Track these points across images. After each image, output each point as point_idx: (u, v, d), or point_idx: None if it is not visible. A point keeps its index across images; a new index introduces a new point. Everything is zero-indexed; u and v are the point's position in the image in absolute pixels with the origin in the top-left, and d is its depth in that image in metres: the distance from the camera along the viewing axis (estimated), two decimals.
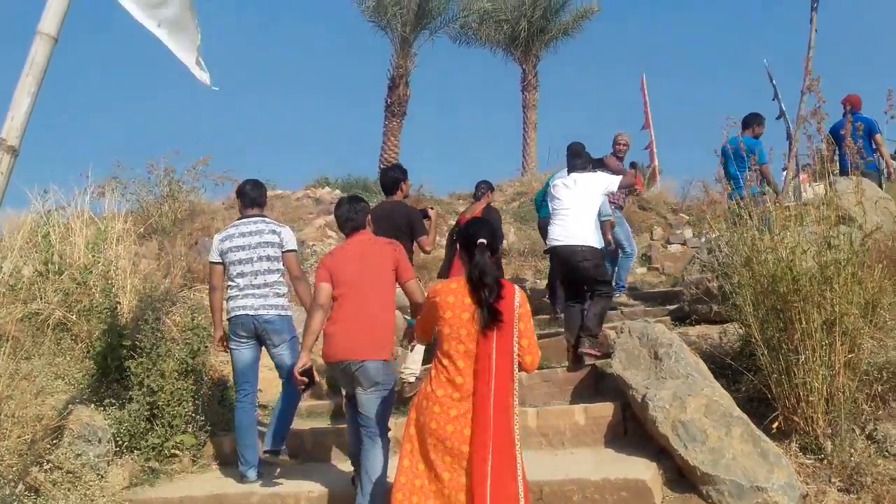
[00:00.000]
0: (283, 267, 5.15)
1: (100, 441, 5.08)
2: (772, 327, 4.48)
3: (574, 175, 6.14)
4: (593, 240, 5.92)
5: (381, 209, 6.00)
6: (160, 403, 5.48)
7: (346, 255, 4.34)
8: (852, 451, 4.11)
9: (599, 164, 6.55)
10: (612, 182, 6.24)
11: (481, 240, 3.36)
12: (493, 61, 25.33)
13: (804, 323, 4.25)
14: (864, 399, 4.35)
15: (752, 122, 7.85)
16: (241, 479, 4.97)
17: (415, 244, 6.06)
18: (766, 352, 4.43)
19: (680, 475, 4.18)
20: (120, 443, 5.24)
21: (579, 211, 5.91)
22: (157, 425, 5.45)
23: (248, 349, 5.12)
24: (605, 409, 4.91)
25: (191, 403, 5.70)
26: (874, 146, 8.63)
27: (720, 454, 3.97)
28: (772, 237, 4.61)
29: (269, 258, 5.07)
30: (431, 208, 6.73)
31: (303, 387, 4.39)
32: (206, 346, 6.13)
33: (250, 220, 5.20)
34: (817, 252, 4.37)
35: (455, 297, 3.29)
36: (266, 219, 5.25)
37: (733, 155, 6.87)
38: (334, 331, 4.21)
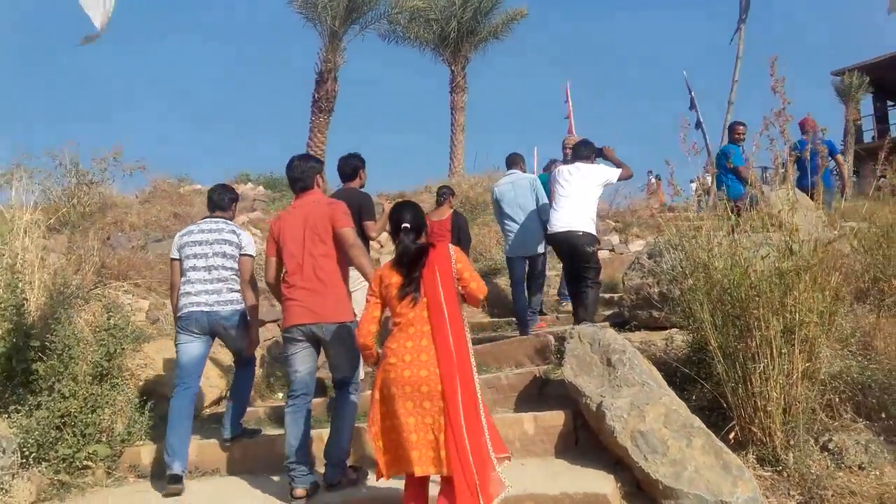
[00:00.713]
0: (237, 267, 5.13)
1: (3, 452, 4.62)
2: (728, 334, 4.36)
3: (578, 164, 6.49)
4: (591, 227, 6.27)
5: (336, 195, 5.85)
6: (72, 410, 5.02)
7: (291, 220, 4.49)
8: (811, 463, 4.02)
9: (600, 154, 6.83)
10: (612, 174, 6.50)
11: (405, 224, 3.75)
12: (423, 61, 25.23)
13: (763, 330, 4.15)
14: (820, 409, 4.27)
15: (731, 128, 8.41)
16: (167, 470, 4.71)
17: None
18: (722, 359, 4.31)
19: (638, 488, 4.00)
20: (27, 454, 4.79)
21: (579, 199, 6.30)
22: (69, 434, 4.99)
23: (197, 344, 5.03)
24: (555, 418, 4.71)
25: (106, 411, 5.25)
26: (834, 166, 9.16)
27: (682, 466, 3.80)
28: (731, 241, 4.50)
29: (224, 255, 5.10)
30: (384, 202, 6.75)
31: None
32: (124, 348, 5.68)
33: (212, 220, 5.29)
34: (778, 257, 4.27)
35: (392, 279, 3.69)
36: (228, 221, 5.32)
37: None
38: (291, 297, 4.39)
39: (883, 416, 4.35)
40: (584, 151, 6.58)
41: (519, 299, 7.24)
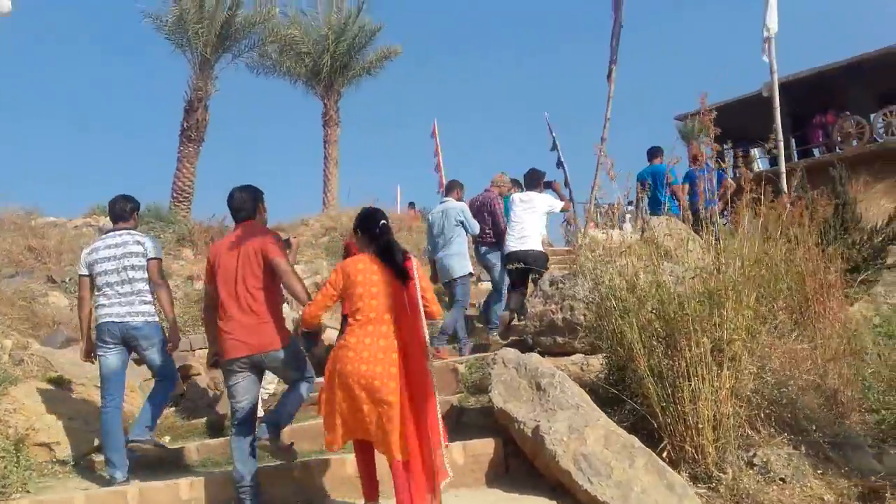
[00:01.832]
0: (146, 276, 5.28)
1: None
2: (658, 354, 4.40)
3: (530, 192, 7.86)
4: (538, 245, 7.58)
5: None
6: None
7: (224, 249, 4.51)
8: (743, 479, 4.08)
9: (548, 187, 8.23)
10: (556, 204, 7.92)
11: (383, 221, 4.17)
12: (294, 94, 24.86)
13: (694, 348, 4.20)
14: (746, 425, 4.37)
15: (656, 153, 9.24)
16: (110, 481, 4.92)
17: None
18: (652, 379, 4.32)
19: None
20: None
21: (529, 222, 7.58)
22: None
23: (114, 355, 5.20)
24: (485, 446, 4.57)
25: None
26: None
27: (629, 488, 3.76)
28: (655, 263, 4.56)
29: (133, 267, 5.24)
30: (294, 237, 6.58)
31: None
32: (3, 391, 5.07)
33: (116, 233, 5.40)
34: (705, 278, 4.37)
35: (364, 265, 4.00)
36: (131, 231, 5.43)
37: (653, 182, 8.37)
38: (228, 330, 4.35)
39: (798, 429, 4.51)
40: (533, 181, 8.02)
41: (447, 317, 7.51)
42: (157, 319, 5.32)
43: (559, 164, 20.91)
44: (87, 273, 5.28)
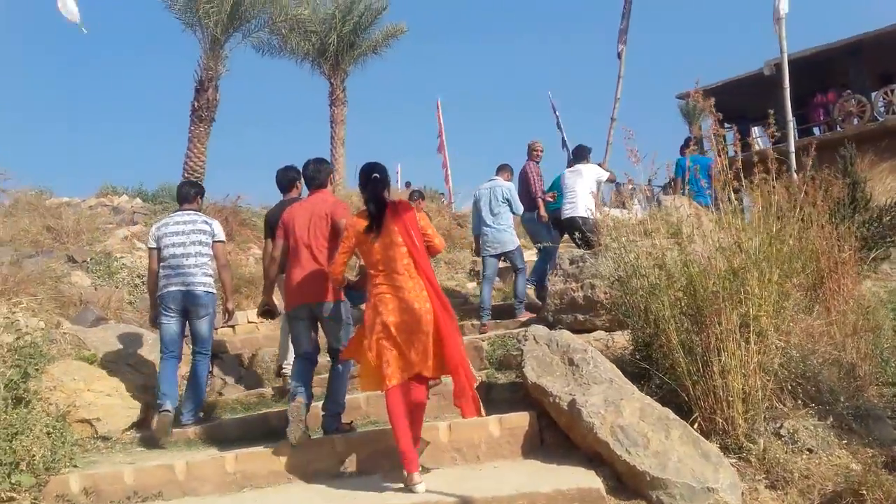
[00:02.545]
0: (211, 253, 6.04)
1: None
2: (685, 330, 4.55)
3: (578, 165, 8.92)
4: (588, 213, 8.10)
5: (279, 208, 6.43)
6: None
7: (300, 212, 5.13)
8: (773, 449, 4.25)
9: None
10: (602, 175, 8.95)
11: (375, 174, 4.46)
12: (300, 74, 24.95)
13: (722, 324, 4.36)
14: (774, 398, 4.54)
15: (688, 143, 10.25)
16: (158, 409, 5.67)
17: None
18: (682, 354, 4.48)
19: (619, 482, 4.08)
20: None
21: (579, 192, 8.59)
22: None
23: (174, 323, 5.90)
24: (520, 420, 4.72)
25: (27, 436, 4.77)
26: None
27: (666, 457, 3.92)
28: (683, 243, 4.71)
29: (199, 243, 5.96)
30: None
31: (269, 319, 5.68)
32: (38, 370, 5.20)
33: (184, 212, 6.14)
34: (730, 255, 4.52)
35: (360, 224, 4.38)
36: (198, 212, 6.19)
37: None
38: (292, 280, 5.03)
39: (821, 401, 4.68)
40: (581, 155, 9.08)
41: (484, 292, 8.32)
42: (215, 292, 6.08)
43: (563, 143, 20.99)
44: (155, 246, 5.97)
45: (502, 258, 8.58)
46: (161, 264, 5.90)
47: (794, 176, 8.67)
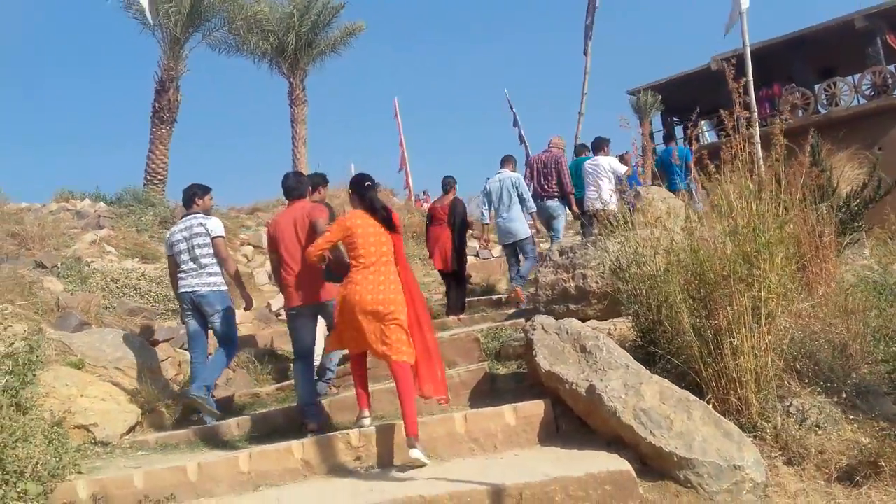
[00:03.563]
0: (212, 251, 6.31)
1: None
2: (696, 314, 4.65)
3: (597, 157, 9.61)
4: (603, 202, 8.59)
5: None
6: None
7: (284, 220, 5.69)
8: (786, 427, 4.37)
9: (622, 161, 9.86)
10: (620, 168, 9.44)
11: (368, 182, 5.13)
12: (259, 74, 24.68)
13: (734, 307, 4.47)
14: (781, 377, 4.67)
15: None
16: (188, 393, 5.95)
17: None
18: (694, 337, 4.58)
19: (643, 464, 4.14)
20: None
21: (601, 182, 9.29)
22: None
23: (193, 319, 6.34)
24: (535, 408, 4.76)
25: (30, 443, 4.63)
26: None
27: (691, 438, 4.00)
28: (692, 228, 4.81)
29: (199, 245, 6.28)
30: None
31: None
32: (35, 375, 5.06)
33: (186, 217, 6.51)
34: (741, 240, 4.63)
35: (362, 220, 4.95)
36: (197, 215, 6.46)
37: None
38: (292, 283, 5.56)
39: (822, 379, 4.83)
40: (598, 147, 9.83)
41: (510, 273, 9.09)
42: (223, 289, 6.35)
43: (520, 139, 21.20)
44: (169, 253, 6.46)
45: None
46: (177, 269, 6.35)
47: (762, 164, 8.96)
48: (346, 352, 5.73)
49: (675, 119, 27.56)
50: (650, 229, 5.31)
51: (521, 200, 8.87)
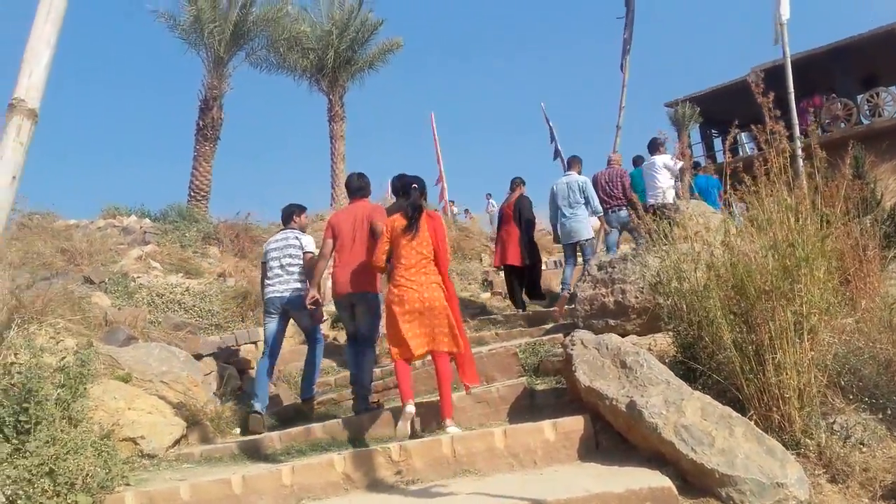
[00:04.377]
0: (302, 264, 7.07)
1: None
2: (737, 329, 4.63)
3: (652, 157, 10.35)
4: (664, 198, 9.80)
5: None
6: (53, 457, 4.50)
7: (345, 216, 6.42)
8: (830, 444, 4.32)
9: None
10: (675, 166, 10.22)
11: (414, 185, 5.59)
12: (298, 91, 25.15)
13: (777, 322, 4.43)
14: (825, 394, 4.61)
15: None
16: (250, 409, 6.60)
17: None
18: (735, 353, 4.55)
19: (684, 481, 4.12)
20: None
21: (658, 180, 10.06)
22: (48, 483, 4.44)
23: (274, 322, 7.02)
24: (575, 423, 4.76)
25: (81, 455, 4.76)
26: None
27: (733, 454, 3.98)
28: (731, 244, 4.80)
29: (291, 256, 7.08)
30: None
31: (314, 307, 6.61)
32: (86, 388, 5.21)
33: (283, 231, 7.37)
34: (783, 254, 4.60)
35: (399, 222, 5.48)
36: (293, 229, 7.36)
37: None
38: (337, 274, 6.23)
39: (866, 396, 4.77)
40: (653, 147, 10.51)
41: (566, 272, 9.49)
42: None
43: (556, 153, 21.14)
44: (263, 261, 7.27)
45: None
46: (267, 274, 7.11)
47: (802, 176, 8.85)
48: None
49: (713, 131, 27.37)
50: (690, 243, 5.29)
51: (587, 202, 9.40)
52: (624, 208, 9.97)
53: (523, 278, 9.68)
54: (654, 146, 10.54)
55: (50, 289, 8.02)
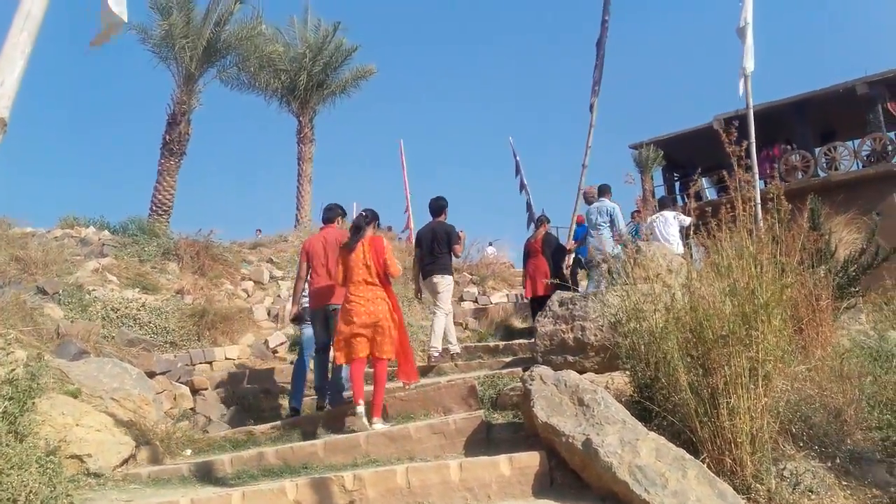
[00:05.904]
0: None
1: None
2: (694, 372, 4.69)
3: (664, 212, 10.60)
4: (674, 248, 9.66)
5: (427, 227, 8.66)
6: None
7: (317, 240, 7.32)
8: (781, 490, 4.39)
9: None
10: (685, 221, 10.00)
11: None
12: (268, 111, 25.03)
13: (732, 367, 4.51)
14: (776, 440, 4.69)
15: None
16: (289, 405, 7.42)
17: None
18: (691, 396, 4.61)
19: None
20: None
21: (670, 233, 10.26)
22: None
23: (309, 328, 7.41)
24: (531, 459, 4.77)
25: (26, 472, 4.62)
26: None
27: (685, 497, 4.01)
28: (693, 286, 4.87)
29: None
30: (462, 230, 8.72)
31: (296, 321, 7.57)
32: (33, 403, 5.08)
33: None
34: (740, 301, 4.69)
35: (346, 246, 6.43)
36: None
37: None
38: (314, 290, 7.11)
39: (815, 444, 4.86)
40: (664, 204, 11.09)
41: (589, 287, 10.01)
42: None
43: (522, 187, 21.33)
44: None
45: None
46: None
47: (760, 224, 9.07)
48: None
49: (675, 175, 27.84)
50: (650, 284, 5.37)
51: (612, 223, 10.24)
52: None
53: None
54: (665, 203, 11.21)
55: (1, 297, 7.83)
